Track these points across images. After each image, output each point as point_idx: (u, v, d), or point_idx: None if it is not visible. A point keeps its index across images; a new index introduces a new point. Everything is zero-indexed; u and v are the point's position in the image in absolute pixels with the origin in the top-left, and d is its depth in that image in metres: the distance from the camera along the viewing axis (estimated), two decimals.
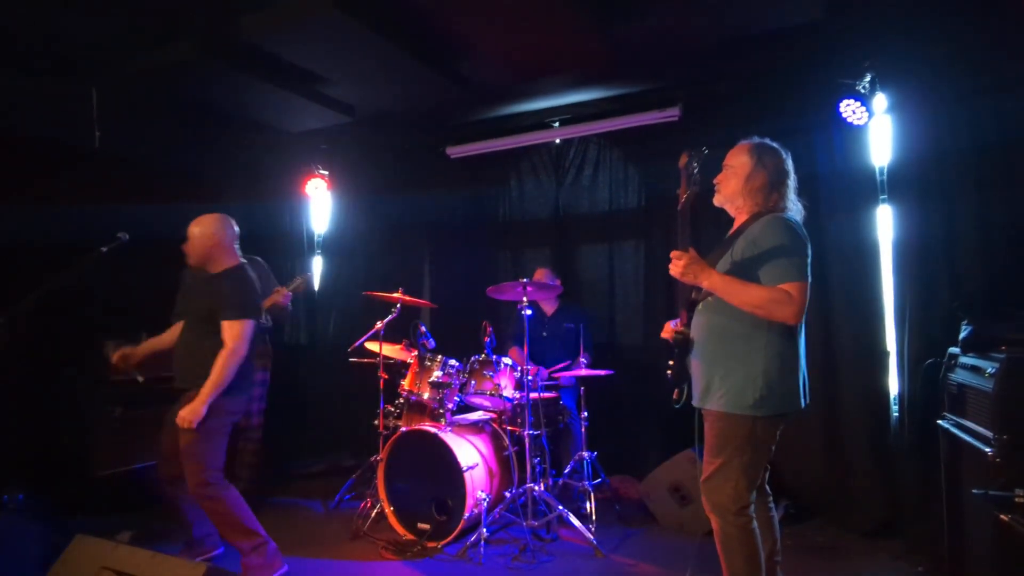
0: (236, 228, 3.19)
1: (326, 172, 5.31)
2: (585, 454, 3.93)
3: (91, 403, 4.08)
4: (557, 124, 4.79)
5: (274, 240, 5.56)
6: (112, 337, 4.28)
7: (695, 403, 2.33)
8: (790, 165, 2.34)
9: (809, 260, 2.18)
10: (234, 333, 2.92)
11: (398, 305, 4.08)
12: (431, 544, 3.47)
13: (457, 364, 3.90)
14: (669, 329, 2.38)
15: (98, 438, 4.05)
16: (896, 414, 3.58)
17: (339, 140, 5.21)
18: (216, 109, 4.60)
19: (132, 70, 3.97)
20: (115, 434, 4.11)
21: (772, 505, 2.50)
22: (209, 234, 3.07)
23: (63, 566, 2.19)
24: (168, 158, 4.86)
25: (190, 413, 2.85)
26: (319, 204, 5.56)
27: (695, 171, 2.18)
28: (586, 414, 3.97)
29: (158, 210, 4.51)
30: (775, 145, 2.35)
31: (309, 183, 5.26)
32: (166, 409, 3.33)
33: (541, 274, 4.45)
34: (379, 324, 4.01)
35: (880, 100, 3.51)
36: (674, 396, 2.38)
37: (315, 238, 5.68)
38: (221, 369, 2.88)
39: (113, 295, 4.33)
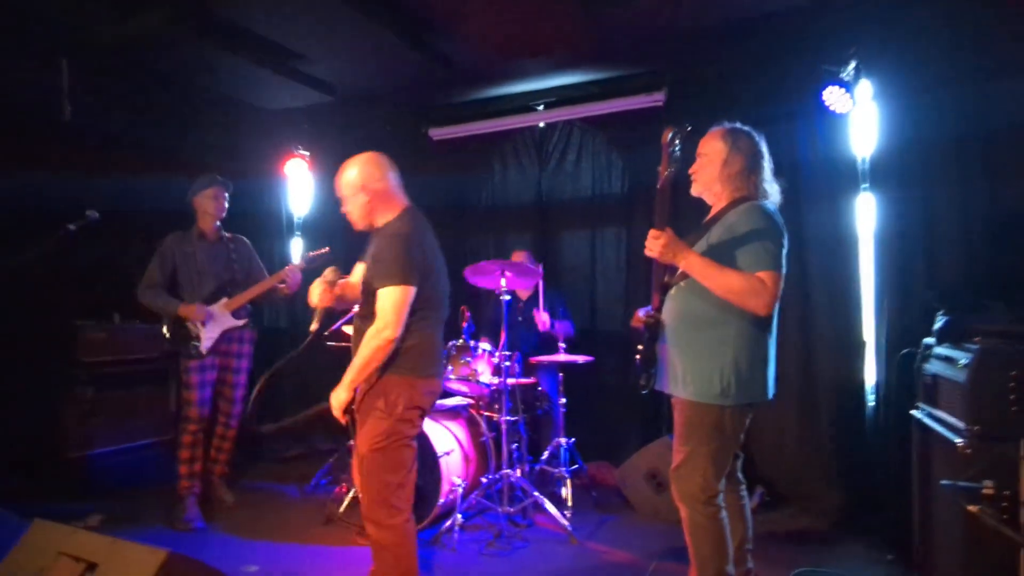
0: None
1: (307, 152, 5.21)
2: (563, 440, 3.91)
3: (61, 384, 4.00)
4: (541, 107, 4.72)
5: (252, 220, 5.44)
6: (83, 316, 4.23)
7: (664, 389, 2.31)
8: (764, 148, 2.31)
9: (785, 250, 2.16)
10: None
11: None
12: None
13: None
14: (639, 317, 2.36)
15: (68, 420, 3.98)
16: (872, 403, 3.59)
17: (319, 119, 5.12)
18: (192, 84, 4.50)
19: (104, 42, 3.86)
20: (86, 416, 4.04)
21: (744, 493, 2.49)
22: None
23: (20, 552, 2.12)
24: (142, 133, 4.74)
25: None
26: (298, 185, 5.46)
27: (677, 149, 2.14)
28: (564, 400, 3.95)
29: (131, 185, 4.43)
30: (747, 128, 2.32)
31: (288, 163, 5.16)
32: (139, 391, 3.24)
33: (520, 256, 4.39)
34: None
35: (864, 88, 3.47)
36: (641, 382, 2.35)
37: (294, 220, 5.58)
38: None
39: (84, 272, 4.25)
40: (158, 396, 4.45)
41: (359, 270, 2.62)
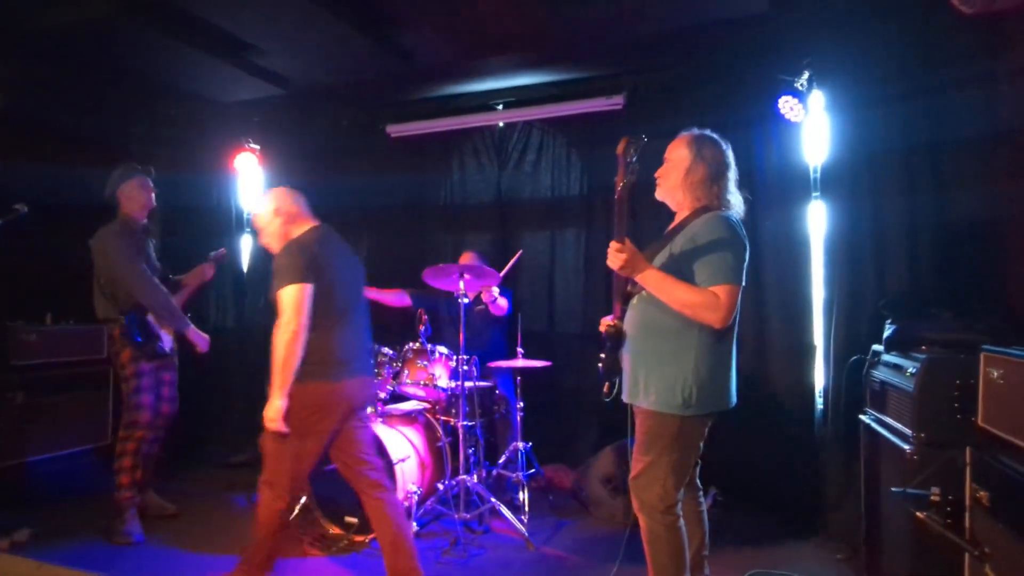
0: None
1: (257, 146, 5.03)
2: (520, 445, 3.88)
3: None
4: (501, 107, 4.67)
5: (200, 215, 5.26)
6: (12, 317, 3.98)
7: (624, 398, 2.30)
8: (730, 157, 2.31)
9: (745, 262, 2.17)
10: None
11: None
12: (359, 538, 3.35)
13: (391, 352, 3.77)
14: (604, 323, 2.34)
15: None
16: (821, 407, 3.68)
17: (272, 113, 4.94)
18: (136, 73, 4.26)
19: (40, 28, 3.62)
20: (15, 423, 3.81)
21: (701, 499, 2.51)
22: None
23: None
24: (81, 123, 4.51)
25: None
26: (249, 180, 5.27)
27: (633, 159, 2.12)
28: (522, 404, 3.91)
29: (68, 179, 4.18)
30: (715, 137, 2.32)
31: (238, 157, 4.97)
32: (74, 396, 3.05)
33: (468, 258, 4.31)
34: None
35: (817, 98, 3.54)
36: (604, 390, 2.34)
37: (244, 216, 5.39)
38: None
39: (14, 270, 4.00)
40: (94, 400, 4.23)
41: None
